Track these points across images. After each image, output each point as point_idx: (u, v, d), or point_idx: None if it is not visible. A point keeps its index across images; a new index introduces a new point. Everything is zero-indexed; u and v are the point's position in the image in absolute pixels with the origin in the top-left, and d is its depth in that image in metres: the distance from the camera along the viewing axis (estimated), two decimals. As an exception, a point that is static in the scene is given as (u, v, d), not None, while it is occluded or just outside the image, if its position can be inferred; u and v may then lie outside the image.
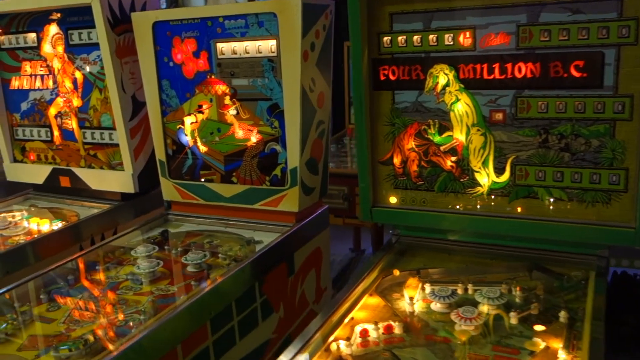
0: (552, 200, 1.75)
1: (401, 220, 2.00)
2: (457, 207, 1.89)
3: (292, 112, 2.13)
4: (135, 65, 2.52)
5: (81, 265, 2.14)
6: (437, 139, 1.87)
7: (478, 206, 1.86)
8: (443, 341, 1.50)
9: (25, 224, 2.60)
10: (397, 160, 1.95)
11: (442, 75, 1.80)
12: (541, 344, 1.43)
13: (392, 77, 1.88)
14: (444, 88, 1.81)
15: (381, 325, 1.55)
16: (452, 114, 1.83)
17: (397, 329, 1.55)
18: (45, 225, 2.56)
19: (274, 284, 2.10)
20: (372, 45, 1.88)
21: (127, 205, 2.69)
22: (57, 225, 2.54)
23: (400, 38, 1.84)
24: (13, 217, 2.71)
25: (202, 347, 1.75)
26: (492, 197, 1.83)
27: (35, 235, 2.39)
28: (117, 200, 2.70)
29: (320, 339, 1.49)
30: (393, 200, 1.99)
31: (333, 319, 1.56)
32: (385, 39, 1.86)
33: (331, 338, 1.51)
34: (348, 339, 1.49)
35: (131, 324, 1.68)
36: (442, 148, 1.87)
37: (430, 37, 1.80)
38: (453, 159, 1.86)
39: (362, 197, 2.00)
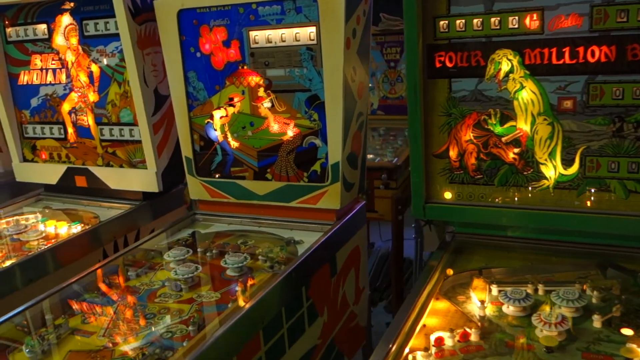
0: (625, 192, 1.64)
1: (457, 217, 1.88)
2: (520, 201, 1.77)
3: (334, 103, 2.00)
4: (158, 56, 2.37)
5: (111, 272, 1.99)
6: (498, 129, 1.75)
7: (543, 200, 1.75)
8: (527, 349, 1.39)
9: (41, 227, 2.45)
10: (453, 153, 1.83)
11: (505, 61, 1.68)
12: (638, 350, 1.33)
13: (449, 64, 1.76)
14: (507, 75, 1.69)
15: (456, 332, 1.43)
16: (515, 102, 1.71)
17: (474, 336, 1.44)
18: (63, 228, 2.41)
19: (318, 287, 1.97)
20: (426, 30, 1.75)
21: (148, 205, 2.54)
22: (76, 228, 2.39)
23: (458, 22, 1.72)
24: (27, 220, 2.55)
25: (255, 359, 1.62)
26: (559, 190, 1.72)
27: (55, 241, 2.24)
28: (138, 199, 2.55)
29: (396, 351, 1.37)
30: (448, 195, 1.87)
31: (405, 327, 1.44)
32: (441, 23, 1.74)
33: (407, 349, 1.39)
34: (426, 349, 1.37)
35: (181, 336, 1.55)
36: (503, 139, 1.75)
37: (493, 20, 1.67)
38: (516, 150, 1.75)
39: (414, 193, 1.88)
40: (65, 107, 2.58)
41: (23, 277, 2.01)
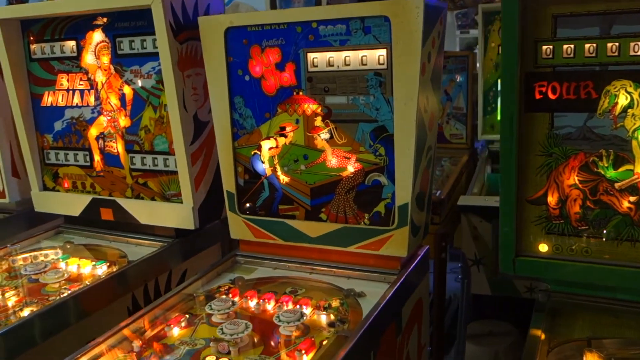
0: None
1: (554, 274, 1.61)
2: (633, 259, 1.50)
3: (405, 137, 1.74)
4: (199, 79, 2.14)
5: (145, 325, 1.72)
6: (610, 173, 1.49)
7: (663, 259, 1.48)
8: None
9: (61, 265, 2.19)
10: (552, 199, 1.56)
11: (624, 94, 1.42)
12: None
13: (551, 96, 1.50)
14: (624, 110, 1.44)
15: None
16: (634, 142, 1.45)
17: None
18: (86, 268, 2.15)
19: (386, 349, 1.70)
20: (526, 55, 1.50)
21: (181, 243, 2.28)
22: (102, 268, 2.13)
23: (565, 47, 1.47)
24: (46, 256, 2.29)
25: None
26: (685, 247, 1.45)
27: (79, 285, 1.97)
28: (170, 236, 2.29)
29: None
30: (544, 248, 1.60)
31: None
32: (545, 48, 1.49)
33: None
34: None
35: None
36: (617, 185, 1.49)
37: (610, 45, 1.42)
38: (632, 199, 1.48)
39: (503, 245, 1.61)
40: (93, 132, 2.34)
41: (43, 330, 1.75)
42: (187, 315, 1.76)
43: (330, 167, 1.90)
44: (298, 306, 1.74)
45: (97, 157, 2.36)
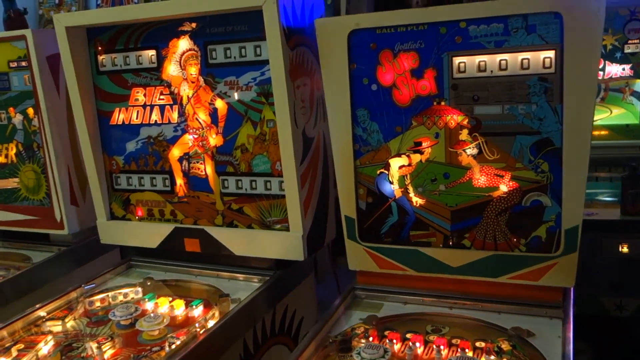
0: None
1: None
2: None
3: (577, 150, 1.52)
4: (305, 90, 1.90)
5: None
6: None
7: None
8: None
9: (148, 306, 1.91)
10: None
11: None
12: None
13: None
14: None
15: None
16: None
17: None
18: (179, 310, 1.87)
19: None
20: None
21: (283, 276, 2.01)
22: (198, 309, 1.85)
23: None
24: (125, 296, 2.01)
25: None
26: None
27: (187, 334, 1.67)
28: (268, 268, 2.02)
29: None
30: None
31: None
32: None
33: None
34: None
35: None
36: None
37: None
38: None
39: None
40: (175, 152, 2.06)
41: (163, 390, 1.47)
42: (333, 367, 1.50)
43: (477, 187, 1.66)
44: (465, 351, 1.49)
45: (179, 181, 2.08)
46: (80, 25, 2.06)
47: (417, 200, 1.75)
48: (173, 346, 1.61)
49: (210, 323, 1.75)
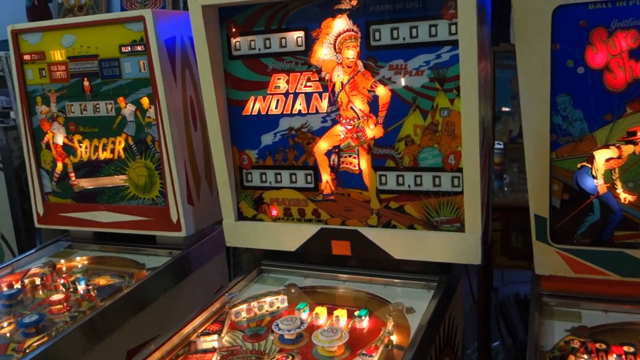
0: None
1: None
2: None
3: None
4: (483, 73, 1.70)
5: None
6: None
7: None
8: None
9: (303, 316, 1.71)
10: None
11: None
12: None
13: None
14: None
15: None
16: None
17: None
18: (343, 320, 1.67)
19: None
20: None
21: (449, 282, 1.81)
22: (365, 320, 1.66)
23: None
24: (271, 305, 1.81)
25: None
26: None
27: (379, 351, 1.48)
28: (431, 273, 1.82)
29: None
30: None
31: None
32: None
33: None
34: None
35: None
36: None
37: None
38: None
39: None
40: (322, 145, 1.86)
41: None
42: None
43: (703, 182, 1.48)
44: None
45: (325, 177, 1.88)
46: (214, 4, 1.85)
47: (625, 197, 1.56)
48: (368, 364, 1.42)
49: (393, 338, 1.55)
